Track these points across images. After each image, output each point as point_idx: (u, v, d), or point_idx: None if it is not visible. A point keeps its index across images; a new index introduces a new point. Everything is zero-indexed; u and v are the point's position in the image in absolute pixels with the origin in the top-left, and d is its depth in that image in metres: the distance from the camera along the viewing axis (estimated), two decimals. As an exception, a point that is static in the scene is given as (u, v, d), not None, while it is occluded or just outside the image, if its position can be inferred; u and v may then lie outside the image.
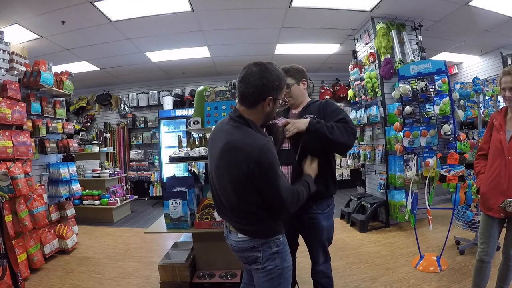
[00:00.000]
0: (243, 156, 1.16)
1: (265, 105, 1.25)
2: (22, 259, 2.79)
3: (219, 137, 1.29)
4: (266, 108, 1.26)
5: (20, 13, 3.50)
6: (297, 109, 1.82)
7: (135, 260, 3.33)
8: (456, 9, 3.96)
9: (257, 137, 1.22)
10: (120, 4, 3.59)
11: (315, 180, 1.50)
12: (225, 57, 5.71)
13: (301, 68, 1.84)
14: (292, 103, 1.82)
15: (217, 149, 1.27)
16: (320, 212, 1.71)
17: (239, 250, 1.34)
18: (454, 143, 3.06)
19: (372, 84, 4.18)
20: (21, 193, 2.81)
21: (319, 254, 1.77)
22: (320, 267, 1.79)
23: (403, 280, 2.56)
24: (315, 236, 1.74)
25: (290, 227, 1.71)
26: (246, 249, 1.32)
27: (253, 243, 1.30)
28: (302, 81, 1.82)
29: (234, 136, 1.23)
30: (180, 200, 2.25)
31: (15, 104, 2.92)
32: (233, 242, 1.35)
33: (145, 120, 7.09)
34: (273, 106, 1.28)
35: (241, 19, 4.17)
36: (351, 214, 4.26)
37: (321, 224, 1.71)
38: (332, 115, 1.64)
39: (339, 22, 4.36)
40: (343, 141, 1.54)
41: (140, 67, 6.00)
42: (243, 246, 1.32)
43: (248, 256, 1.33)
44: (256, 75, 1.22)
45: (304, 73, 1.83)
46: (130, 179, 6.93)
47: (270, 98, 1.24)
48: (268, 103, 1.25)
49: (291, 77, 1.78)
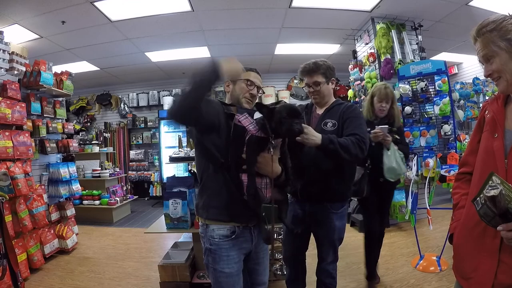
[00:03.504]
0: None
1: (225, 87, 1.47)
2: (22, 259, 2.79)
3: None
4: (227, 89, 1.46)
5: (20, 13, 3.50)
6: (322, 108, 1.76)
7: (135, 260, 3.33)
8: (456, 9, 3.96)
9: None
10: (120, 4, 3.58)
11: (335, 181, 1.61)
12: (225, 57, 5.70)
13: (333, 66, 1.74)
14: (317, 102, 1.77)
15: None
16: (334, 212, 1.71)
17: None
18: (454, 143, 3.06)
19: (372, 84, 4.17)
20: (21, 193, 2.81)
21: (329, 252, 1.77)
22: (327, 266, 1.78)
23: (403, 280, 2.56)
24: (326, 234, 1.74)
25: (303, 224, 1.72)
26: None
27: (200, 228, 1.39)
28: (332, 80, 1.75)
29: None
30: (180, 200, 2.25)
31: (15, 104, 2.92)
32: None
33: (145, 120, 7.08)
34: (232, 86, 1.43)
35: (241, 19, 4.16)
36: (351, 214, 4.25)
37: (334, 223, 1.71)
38: (350, 124, 1.61)
39: (339, 22, 4.36)
40: (350, 158, 1.51)
41: (140, 67, 6.00)
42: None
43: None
44: None
45: (335, 71, 1.75)
46: (130, 179, 6.92)
47: (226, 82, 1.44)
48: (227, 85, 1.46)
49: (322, 75, 1.69)
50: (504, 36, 0.92)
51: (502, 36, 0.92)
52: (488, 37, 0.95)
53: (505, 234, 0.83)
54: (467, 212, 1.05)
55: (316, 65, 1.68)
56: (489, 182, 0.83)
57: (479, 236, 0.97)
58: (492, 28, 0.94)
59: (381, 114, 2.34)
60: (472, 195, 0.97)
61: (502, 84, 0.97)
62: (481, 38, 0.97)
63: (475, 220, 0.94)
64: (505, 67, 0.94)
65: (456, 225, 1.09)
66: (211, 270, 1.33)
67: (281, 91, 6.71)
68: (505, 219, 0.82)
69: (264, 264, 1.47)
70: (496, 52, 0.94)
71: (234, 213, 1.28)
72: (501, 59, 0.94)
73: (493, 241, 0.92)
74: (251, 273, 1.45)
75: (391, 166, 2.13)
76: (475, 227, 0.97)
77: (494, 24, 0.93)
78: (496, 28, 0.94)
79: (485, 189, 0.83)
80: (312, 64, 1.70)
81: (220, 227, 1.30)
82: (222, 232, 1.29)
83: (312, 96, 1.76)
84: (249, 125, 1.25)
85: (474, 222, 0.97)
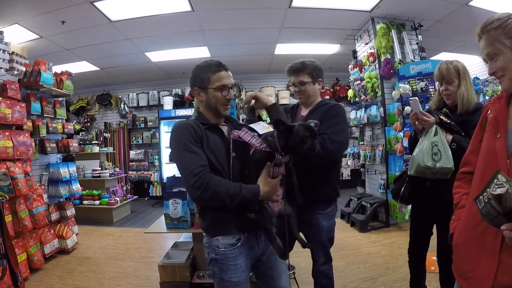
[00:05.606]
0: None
1: (196, 95, 1.34)
2: (22, 259, 2.79)
3: None
4: (199, 98, 1.33)
5: (20, 13, 3.50)
6: (307, 109, 1.76)
7: (135, 260, 3.33)
8: (456, 9, 3.95)
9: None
10: (120, 4, 3.58)
11: (320, 182, 1.50)
12: (225, 57, 5.67)
13: (321, 66, 1.73)
14: (303, 102, 1.76)
15: None
16: (321, 212, 1.71)
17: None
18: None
19: (372, 84, 4.17)
20: (21, 193, 2.81)
21: (320, 254, 1.77)
22: (321, 267, 1.78)
23: (403, 280, 2.56)
24: (314, 234, 1.74)
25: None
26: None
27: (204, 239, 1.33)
28: (318, 81, 1.73)
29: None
30: (180, 200, 2.25)
31: (15, 104, 2.92)
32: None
33: (145, 120, 7.09)
34: (205, 95, 1.31)
35: (241, 19, 4.17)
36: (351, 214, 4.26)
37: (321, 224, 1.71)
38: (325, 124, 1.59)
39: (339, 22, 4.36)
40: (313, 158, 1.44)
41: (140, 67, 6.00)
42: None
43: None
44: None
45: (322, 72, 1.73)
46: (130, 179, 6.92)
47: (195, 89, 1.32)
48: (197, 93, 1.32)
49: (309, 75, 1.68)
50: (509, 34, 0.91)
51: (507, 33, 0.91)
52: (493, 35, 0.94)
53: (508, 233, 0.81)
54: (467, 212, 1.03)
55: (303, 64, 1.67)
56: (495, 181, 0.81)
57: (479, 236, 0.95)
58: (497, 26, 0.93)
59: (448, 100, 1.75)
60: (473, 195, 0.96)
61: (505, 82, 0.96)
62: (485, 35, 0.96)
63: (476, 219, 0.93)
64: (509, 65, 0.93)
65: (456, 225, 1.08)
66: (217, 280, 1.28)
67: (281, 91, 6.72)
68: (509, 219, 0.80)
69: (280, 268, 1.38)
70: (500, 50, 0.93)
71: (241, 225, 1.26)
72: (505, 57, 0.93)
73: (494, 241, 0.90)
74: (266, 280, 1.38)
75: (414, 154, 1.63)
76: (476, 226, 0.96)
77: (499, 22, 0.93)
78: (501, 26, 0.92)
79: (489, 187, 0.81)
80: (299, 64, 1.70)
81: (225, 236, 1.26)
82: (227, 241, 1.25)
83: (298, 95, 1.75)
84: (251, 139, 1.22)
85: (475, 222, 0.95)
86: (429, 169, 1.57)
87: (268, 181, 1.19)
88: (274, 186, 1.20)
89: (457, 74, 1.71)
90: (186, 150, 1.17)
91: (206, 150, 1.21)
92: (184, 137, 1.19)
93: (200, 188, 1.12)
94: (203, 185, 1.12)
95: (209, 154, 1.21)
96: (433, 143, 1.57)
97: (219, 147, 1.25)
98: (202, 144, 1.22)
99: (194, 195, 1.15)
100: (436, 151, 1.56)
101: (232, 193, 1.14)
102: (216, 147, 1.24)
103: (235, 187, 1.15)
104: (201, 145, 1.21)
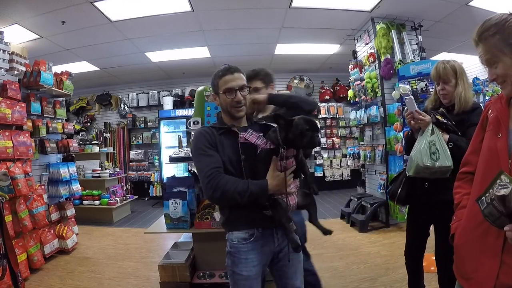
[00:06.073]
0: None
1: (215, 101, 1.43)
2: (22, 259, 2.79)
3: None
4: (217, 103, 1.42)
5: (20, 13, 3.50)
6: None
7: (135, 260, 3.33)
8: (456, 9, 3.96)
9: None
10: (120, 4, 3.58)
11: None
12: (225, 57, 5.70)
13: (271, 72, 1.85)
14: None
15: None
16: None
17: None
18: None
19: (372, 84, 4.17)
20: (21, 193, 2.81)
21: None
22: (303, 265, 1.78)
23: (403, 280, 2.55)
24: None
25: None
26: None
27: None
28: (270, 85, 1.83)
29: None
30: (180, 200, 2.25)
31: (15, 104, 2.92)
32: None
33: (145, 120, 7.09)
34: (219, 100, 1.38)
35: (241, 19, 4.17)
36: (351, 214, 4.26)
37: (293, 219, 1.69)
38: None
39: (339, 22, 4.36)
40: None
41: (140, 67, 6.00)
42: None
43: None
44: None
45: (272, 77, 1.84)
46: (130, 179, 6.92)
47: (213, 95, 1.42)
48: (214, 99, 1.42)
49: (261, 81, 1.79)
50: (508, 40, 0.89)
51: (506, 39, 0.89)
52: (491, 42, 0.92)
53: (511, 234, 0.81)
54: (468, 212, 1.02)
55: (254, 72, 1.78)
56: (498, 181, 0.79)
57: (481, 236, 0.94)
58: (494, 32, 0.91)
59: (444, 99, 1.75)
60: (474, 195, 0.95)
61: (507, 89, 0.95)
62: (483, 43, 0.94)
63: (477, 220, 0.92)
64: (509, 71, 0.91)
65: (457, 225, 1.07)
66: (230, 273, 1.33)
67: (281, 91, 6.72)
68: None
69: (295, 266, 1.39)
70: (499, 57, 0.91)
71: (252, 220, 1.30)
72: (505, 64, 0.91)
73: (496, 242, 0.89)
74: (281, 277, 1.40)
75: (412, 155, 1.62)
76: (477, 227, 0.95)
77: (496, 28, 0.91)
78: (498, 32, 0.90)
79: (492, 188, 0.80)
80: (250, 72, 1.81)
81: (239, 231, 1.32)
82: (240, 235, 1.31)
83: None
84: (256, 140, 1.29)
85: (476, 222, 0.94)
86: (428, 169, 1.55)
87: (276, 175, 1.22)
88: (281, 179, 1.22)
89: (454, 73, 1.70)
90: (202, 154, 1.27)
91: (221, 154, 1.29)
92: (201, 142, 1.29)
93: (212, 188, 1.21)
94: (214, 185, 1.21)
95: (224, 158, 1.29)
96: (430, 142, 1.56)
97: (232, 150, 1.30)
98: (217, 148, 1.29)
99: (208, 195, 1.24)
100: (434, 150, 1.55)
101: (240, 190, 1.20)
102: (229, 151, 1.30)
103: (243, 184, 1.22)
104: (217, 149, 1.29)
